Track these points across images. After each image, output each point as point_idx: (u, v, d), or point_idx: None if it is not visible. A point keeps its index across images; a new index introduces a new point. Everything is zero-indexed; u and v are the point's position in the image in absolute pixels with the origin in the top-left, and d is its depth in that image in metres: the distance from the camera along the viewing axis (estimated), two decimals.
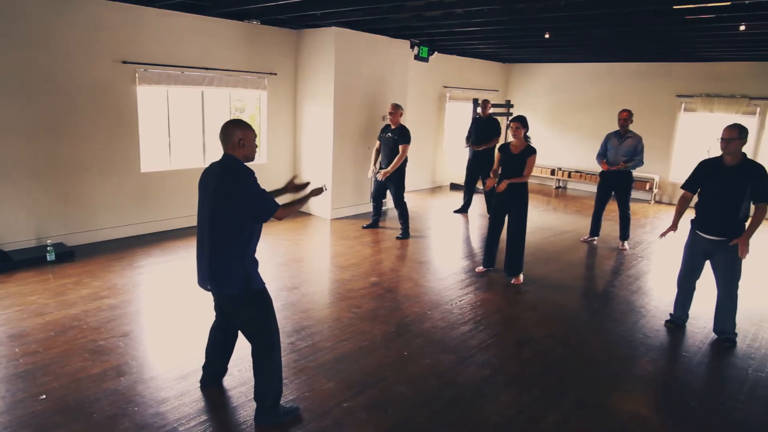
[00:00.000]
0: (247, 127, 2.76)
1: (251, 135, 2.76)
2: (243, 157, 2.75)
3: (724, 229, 4.01)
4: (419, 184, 10.56)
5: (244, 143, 2.72)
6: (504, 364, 3.77)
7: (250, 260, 2.77)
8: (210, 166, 2.82)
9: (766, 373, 3.78)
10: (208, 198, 2.75)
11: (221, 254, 2.71)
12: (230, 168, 2.69)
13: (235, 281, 2.72)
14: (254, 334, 2.87)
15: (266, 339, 2.87)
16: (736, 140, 3.89)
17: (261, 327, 2.86)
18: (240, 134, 2.70)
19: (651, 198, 10.34)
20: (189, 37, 6.47)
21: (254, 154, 2.83)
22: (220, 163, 2.75)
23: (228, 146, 2.72)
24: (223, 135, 2.73)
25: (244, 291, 2.74)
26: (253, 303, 2.82)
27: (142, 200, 6.45)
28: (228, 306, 2.92)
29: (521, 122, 5.11)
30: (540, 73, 11.79)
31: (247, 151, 2.75)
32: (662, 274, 5.87)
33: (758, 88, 9.04)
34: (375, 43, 7.75)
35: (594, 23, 6.11)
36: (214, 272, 2.75)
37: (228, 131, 2.71)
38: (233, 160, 2.72)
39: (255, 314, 2.84)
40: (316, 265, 5.81)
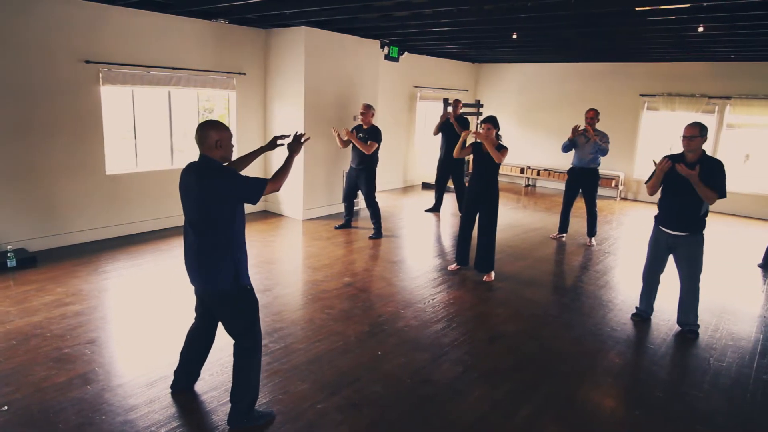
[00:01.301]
0: (223, 128, 2.75)
1: (228, 136, 2.75)
2: (220, 158, 2.75)
3: (686, 224, 4.15)
4: (391, 184, 10.59)
5: (221, 144, 2.71)
6: (476, 360, 3.81)
7: (239, 256, 2.79)
8: (188, 166, 2.80)
9: (727, 363, 3.93)
10: (190, 197, 2.73)
11: (209, 250, 2.72)
12: (208, 167, 2.69)
13: (225, 277, 2.73)
14: (241, 332, 2.87)
15: (251, 339, 2.88)
16: (697, 138, 4.03)
17: (248, 327, 2.87)
18: (216, 135, 2.69)
19: (617, 195, 10.61)
20: (155, 36, 6.33)
21: (231, 155, 2.82)
22: (198, 163, 2.74)
23: (204, 147, 2.71)
24: (198, 137, 2.71)
25: (233, 287, 2.75)
26: (241, 301, 2.83)
27: (108, 203, 6.29)
28: (215, 304, 2.89)
29: (492, 123, 5.18)
30: (509, 73, 11.97)
31: (224, 152, 2.74)
32: (628, 269, 6.03)
33: (716, 87, 9.38)
34: (345, 43, 7.74)
35: (560, 24, 6.24)
36: (203, 268, 2.74)
37: (204, 133, 2.69)
38: (211, 160, 2.71)
39: (242, 312, 2.85)
40: (288, 267, 5.77)
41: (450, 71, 11.55)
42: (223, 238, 2.71)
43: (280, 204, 7.98)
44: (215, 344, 3.21)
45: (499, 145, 5.19)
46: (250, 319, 2.87)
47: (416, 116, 10.89)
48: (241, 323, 2.86)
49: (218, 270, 2.72)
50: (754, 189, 9.08)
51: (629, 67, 10.27)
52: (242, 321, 2.86)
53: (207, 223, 2.70)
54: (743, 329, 4.53)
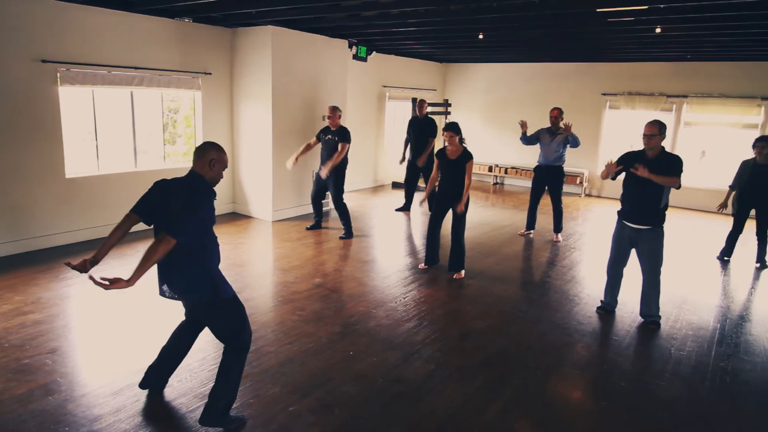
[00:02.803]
0: (222, 151, 2.80)
1: (224, 158, 2.80)
2: (210, 178, 2.76)
3: (647, 217, 4.30)
4: (361, 184, 10.58)
5: (214, 164, 2.74)
6: (448, 357, 3.85)
7: (215, 269, 2.80)
8: (173, 180, 2.78)
9: (687, 352, 4.07)
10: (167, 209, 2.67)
11: (182, 262, 2.69)
12: (194, 186, 2.69)
13: (201, 288, 2.73)
14: (229, 336, 2.87)
15: (241, 341, 2.89)
16: (656, 136, 4.17)
17: (235, 331, 2.87)
18: (214, 155, 2.74)
19: (581, 192, 10.87)
20: (116, 34, 6.16)
21: (219, 179, 2.82)
22: (185, 180, 2.74)
23: (198, 163, 2.74)
24: (197, 151, 2.76)
25: (213, 298, 2.76)
26: (225, 311, 2.84)
27: (69, 207, 6.08)
28: (198, 313, 2.92)
29: (453, 130, 5.25)
30: (476, 72, 12.11)
31: (215, 173, 2.78)
32: (593, 264, 6.19)
33: (674, 86, 9.72)
34: (313, 43, 7.69)
35: (525, 24, 6.35)
36: (179, 280, 2.74)
37: (203, 148, 2.76)
38: (199, 178, 2.72)
39: (228, 321, 2.86)
40: (258, 269, 5.70)
41: (418, 71, 11.61)
42: (198, 250, 2.71)
43: (249, 205, 7.89)
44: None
45: (465, 151, 5.25)
46: (237, 325, 2.88)
47: (385, 116, 10.91)
48: (229, 329, 2.87)
49: (198, 283, 2.72)
50: (710, 184, 9.43)
51: (592, 67, 10.54)
52: (230, 328, 2.87)
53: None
54: (702, 319, 4.71)
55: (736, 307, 5.07)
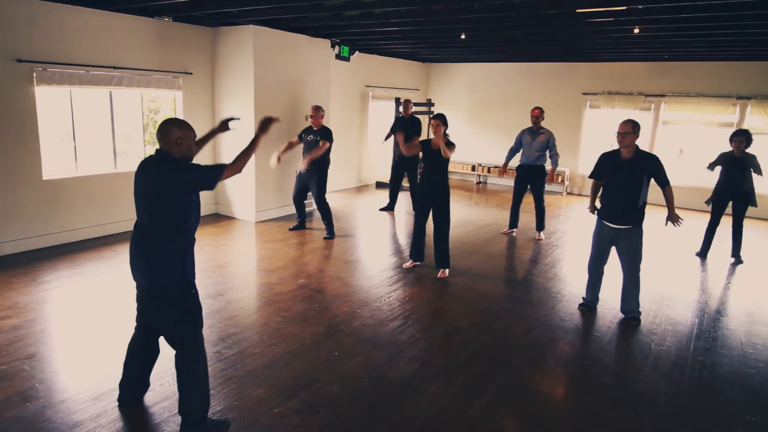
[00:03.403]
0: (186, 126, 2.70)
1: (190, 135, 2.71)
2: (179, 156, 2.69)
3: (626, 217, 4.36)
4: (345, 184, 10.56)
5: (181, 142, 2.66)
6: (433, 356, 3.86)
7: (187, 254, 2.74)
8: (145, 160, 2.73)
9: (666, 347, 4.15)
10: (144, 191, 2.64)
11: (159, 247, 2.65)
12: (166, 160, 2.64)
13: (172, 273, 2.67)
14: (182, 339, 2.76)
15: (193, 346, 2.77)
16: (630, 134, 4.25)
17: (189, 332, 2.77)
18: (178, 133, 2.65)
19: (563, 190, 10.99)
20: (94, 34, 6.05)
21: (192, 155, 2.76)
22: (155, 157, 2.67)
23: (164, 144, 2.65)
24: (160, 132, 2.65)
25: (179, 284, 2.69)
26: (184, 302, 2.75)
27: (46, 210, 5.97)
28: (157, 305, 2.77)
29: (441, 120, 5.27)
30: (458, 72, 12.17)
31: (184, 150, 2.69)
32: (575, 261, 6.27)
33: (652, 86, 9.88)
34: (295, 42, 7.65)
35: (506, 25, 6.40)
36: (150, 265, 2.67)
37: (166, 128, 2.65)
38: (169, 154, 2.65)
39: (184, 315, 2.76)
40: (241, 270, 5.66)
41: (401, 71, 11.63)
42: (175, 234, 2.67)
43: (232, 206, 7.82)
44: (166, 353, 3.10)
45: (448, 142, 5.28)
46: (191, 325, 2.78)
47: (369, 116, 10.91)
48: (183, 329, 2.76)
49: (165, 266, 2.66)
50: (688, 182, 9.61)
51: (572, 67, 10.66)
52: (183, 326, 2.76)
53: (160, 219, 2.65)
54: (681, 314, 4.80)
55: (713, 303, 5.17)
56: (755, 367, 3.86)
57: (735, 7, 4.79)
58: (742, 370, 3.82)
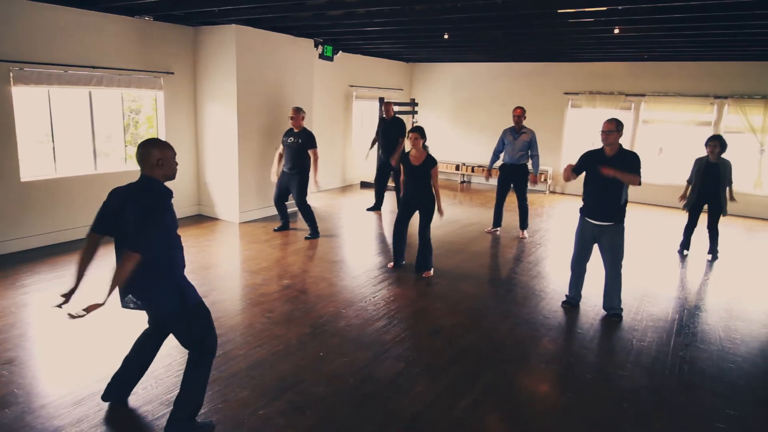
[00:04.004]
0: (165, 146, 2.67)
1: (170, 154, 2.67)
2: (163, 177, 2.66)
3: (608, 214, 4.43)
4: (329, 184, 10.54)
5: (162, 163, 2.63)
6: (418, 355, 3.88)
7: (181, 275, 2.74)
8: (127, 186, 2.69)
9: (648, 342, 4.21)
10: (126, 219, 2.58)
11: (147, 273, 2.59)
12: (148, 189, 2.61)
13: (169, 299, 2.67)
14: (196, 344, 2.82)
15: (207, 347, 2.84)
16: (614, 132, 4.31)
17: (203, 338, 2.82)
18: (158, 154, 2.61)
19: (546, 189, 11.10)
20: (73, 33, 5.95)
21: (174, 173, 2.73)
22: (138, 185, 2.64)
23: (146, 167, 2.62)
24: (139, 156, 2.62)
25: (180, 308, 2.70)
26: (191, 318, 2.78)
27: (25, 212, 5.85)
28: (164, 322, 2.85)
29: (419, 133, 5.31)
30: (442, 72, 12.21)
31: (166, 170, 2.67)
32: (558, 259, 6.33)
33: (632, 85, 10.03)
34: (278, 42, 7.61)
35: (488, 25, 6.44)
36: (145, 292, 2.65)
37: (145, 151, 2.61)
38: (151, 181, 2.63)
39: (194, 328, 2.81)
40: (225, 271, 5.61)
41: (385, 70, 11.64)
42: (165, 261, 2.65)
43: (215, 207, 7.75)
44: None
45: (428, 157, 5.31)
46: (203, 331, 2.83)
47: (353, 115, 10.90)
48: (195, 336, 2.82)
49: (162, 294, 2.66)
50: (668, 180, 9.78)
51: (554, 67, 10.77)
52: (196, 336, 2.82)
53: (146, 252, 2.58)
54: (662, 310, 4.88)
55: (692, 299, 5.27)
56: (734, 362, 3.95)
57: (713, 8, 4.88)
58: (721, 365, 3.90)
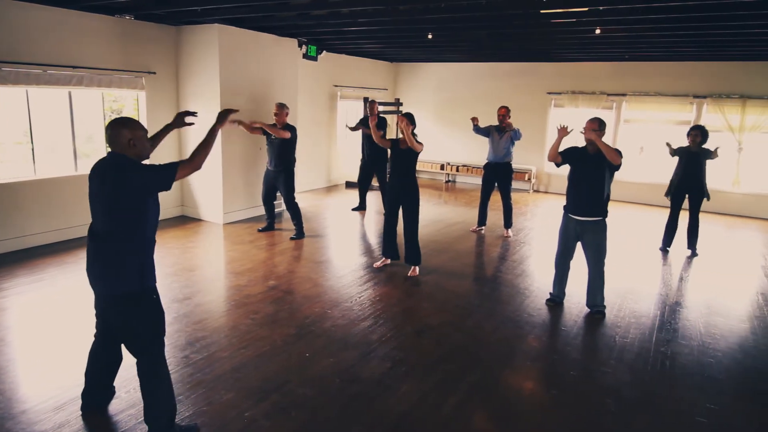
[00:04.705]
0: (136, 125, 2.60)
1: (141, 134, 2.61)
2: (136, 156, 2.60)
3: (591, 209, 4.49)
4: (314, 184, 10.50)
5: (134, 143, 2.57)
6: (404, 354, 3.88)
7: (147, 257, 2.65)
8: (98, 163, 2.62)
9: (630, 339, 4.27)
10: (99, 196, 2.55)
11: (116, 252, 2.55)
12: (118, 162, 2.54)
13: (131, 278, 2.57)
14: (145, 347, 2.68)
15: (157, 353, 2.71)
16: (596, 131, 4.36)
17: (151, 339, 2.69)
18: (129, 134, 2.55)
19: (530, 188, 11.20)
20: (51, 32, 5.85)
21: (147, 154, 2.67)
22: (108, 159, 2.57)
23: (117, 147, 2.56)
24: (109, 135, 2.55)
25: (139, 288, 2.60)
26: (146, 306, 2.66)
27: (3, 214, 5.73)
28: (117, 311, 2.66)
29: (409, 119, 5.30)
30: (426, 72, 12.25)
31: (139, 150, 2.60)
32: (542, 257, 6.39)
33: (613, 85, 10.16)
34: (262, 42, 7.57)
35: (472, 25, 6.47)
36: (108, 270, 2.57)
37: (115, 131, 2.54)
38: (123, 156, 2.56)
39: (146, 320, 2.67)
40: (209, 273, 5.56)
41: (369, 70, 11.63)
42: (132, 239, 2.57)
43: (199, 208, 7.68)
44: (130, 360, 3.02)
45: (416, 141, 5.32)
46: (153, 331, 2.70)
47: (337, 115, 10.87)
48: (144, 335, 2.68)
49: (124, 271, 2.56)
50: (649, 178, 9.93)
51: (537, 67, 10.86)
52: (145, 333, 2.68)
53: (116, 223, 2.55)
54: (644, 307, 4.95)
55: (674, 295, 5.36)
56: (714, 356, 4.02)
57: (691, 9, 4.96)
58: (702, 360, 3.97)
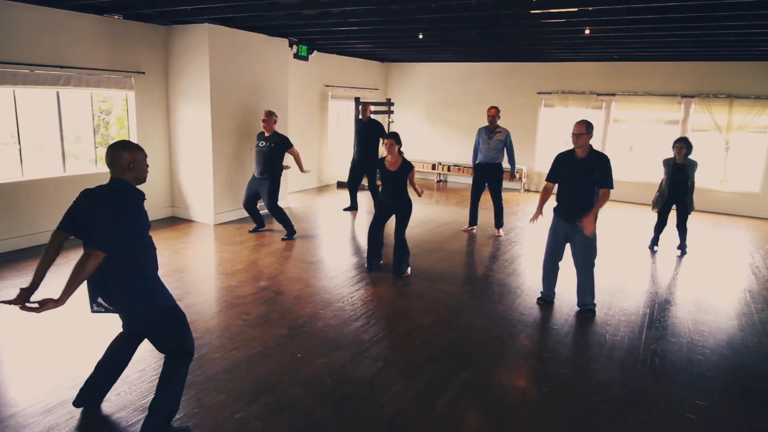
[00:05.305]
0: (135, 148, 2.63)
1: (140, 156, 2.63)
2: (134, 180, 2.62)
3: (581, 213, 4.50)
4: (305, 184, 10.48)
5: (133, 166, 2.59)
6: (396, 354, 3.89)
7: (152, 278, 2.68)
8: (98, 188, 2.63)
9: (620, 337, 4.31)
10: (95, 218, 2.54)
11: (117, 275, 2.56)
12: (119, 189, 2.56)
13: (138, 302, 2.61)
14: (172, 347, 2.77)
15: (184, 351, 2.79)
16: (584, 135, 4.39)
17: (179, 342, 2.77)
18: (128, 157, 2.57)
19: (521, 187, 11.25)
20: (39, 31, 5.79)
21: (146, 176, 2.69)
22: (108, 186, 2.59)
23: (117, 170, 2.58)
24: (109, 159, 2.57)
25: (150, 310, 2.64)
26: (165, 322, 2.73)
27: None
28: (137, 324, 2.80)
29: (395, 139, 5.33)
30: (417, 72, 12.26)
31: (137, 173, 2.63)
32: (533, 257, 6.43)
33: (603, 85, 10.24)
34: (252, 42, 7.54)
35: (463, 25, 6.50)
36: (115, 294, 2.59)
37: (114, 154, 2.56)
38: (123, 183, 2.58)
39: (170, 333, 2.75)
40: (200, 274, 5.53)
41: (361, 70, 11.63)
42: (134, 261, 2.60)
43: (189, 209, 7.63)
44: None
45: (405, 162, 5.35)
46: (179, 335, 2.78)
47: (329, 115, 10.86)
48: (170, 340, 2.77)
49: (131, 296, 2.60)
50: (638, 177, 10.01)
51: (527, 67, 10.92)
52: (169, 339, 2.77)
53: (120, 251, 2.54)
54: (633, 305, 5.00)
55: (663, 293, 5.41)
56: (702, 353, 4.07)
57: (679, 10, 5.01)
58: (691, 357, 4.01)
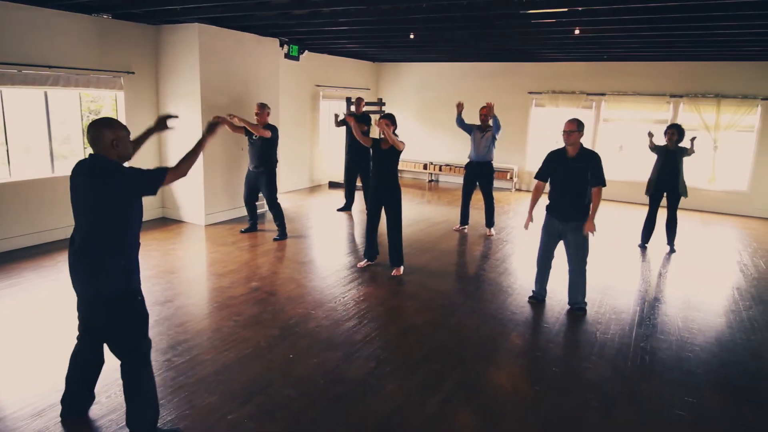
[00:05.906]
0: (118, 125, 2.57)
1: (124, 135, 2.58)
2: (118, 158, 2.57)
3: (573, 213, 4.54)
4: (297, 184, 10.46)
5: (117, 143, 2.53)
6: (389, 354, 3.89)
7: (131, 259, 2.62)
8: (78, 166, 2.59)
9: (611, 335, 4.34)
10: (82, 198, 2.52)
11: (101, 253, 2.53)
12: (102, 165, 2.51)
13: (116, 280, 2.54)
14: (128, 349, 2.65)
15: (142, 355, 2.69)
16: (575, 132, 4.42)
17: (137, 341, 2.67)
18: (112, 135, 2.52)
19: (512, 186, 11.30)
20: (26, 31, 5.72)
21: (130, 155, 2.64)
22: (90, 161, 2.53)
23: (99, 148, 2.52)
24: (91, 137, 2.51)
25: (124, 290, 2.57)
26: (130, 309, 2.63)
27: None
28: (100, 313, 2.65)
29: (390, 119, 5.31)
30: (408, 72, 12.27)
31: (121, 151, 2.57)
32: (524, 256, 6.45)
33: (593, 85, 10.31)
34: (242, 42, 7.51)
35: (454, 25, 6.51)
36: (93, 271, 2.54)
37: (97, 132, 2.50)
38: (104, 158, 2.52)
39: (130, 323, 2.65)
40: (191, 275, 5.50)
41: (352, 70, 11.62)
42: (117, 240, 2.55)
43: (180, 210, 7.59)
44: (111, 364, 2.98)
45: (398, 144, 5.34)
46: (138, 332, 2.68)
47: (320, 115, 10.84)
48: (128, 337, 2.65)
49: (109, 272, 2.54)
50: (628, 176, 10.09)
51: (518, 67, 10.97)
52: (129, 334, 2.65)
53: (100, 225, 2.53)
54: (624, 303, 5.03)
55: (652, 291, 5.45)
56: (692, 351, 4.10)
57: (668, 10, 5.06)
58: (680, 354, 4.05)
